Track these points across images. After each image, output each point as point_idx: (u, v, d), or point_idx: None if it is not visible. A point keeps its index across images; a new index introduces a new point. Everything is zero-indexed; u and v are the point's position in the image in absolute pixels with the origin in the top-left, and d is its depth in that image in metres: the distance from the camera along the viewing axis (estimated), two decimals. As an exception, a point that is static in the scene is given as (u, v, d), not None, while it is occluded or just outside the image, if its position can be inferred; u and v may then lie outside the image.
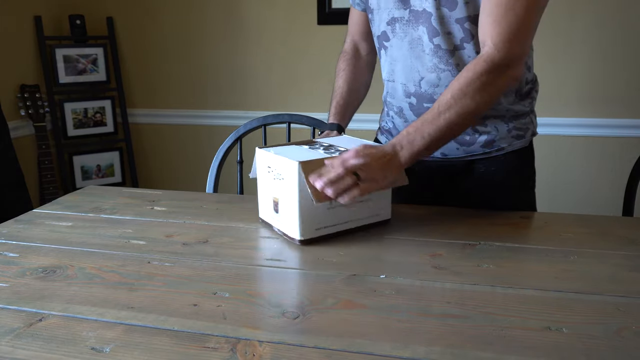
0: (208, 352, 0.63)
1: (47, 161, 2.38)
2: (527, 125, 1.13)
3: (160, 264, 0.87)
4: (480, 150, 1.11)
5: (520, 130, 1.12)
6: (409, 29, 1.07)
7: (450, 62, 1.05)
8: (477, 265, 0.85)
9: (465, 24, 1.01)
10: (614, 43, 2.10)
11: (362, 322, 0.69)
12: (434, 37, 1.04)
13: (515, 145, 1.12)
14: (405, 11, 1.06)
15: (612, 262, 0.86)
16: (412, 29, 1.06)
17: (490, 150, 1.11)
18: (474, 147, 1.11)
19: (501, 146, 1.11)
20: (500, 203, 1.11)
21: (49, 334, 0.67)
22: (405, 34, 1.07)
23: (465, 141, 1.11)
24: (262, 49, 2.46)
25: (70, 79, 2.54)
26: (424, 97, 1.09)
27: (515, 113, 1.10)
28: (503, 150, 1.12)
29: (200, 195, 1.25)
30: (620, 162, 2.16)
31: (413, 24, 1.06)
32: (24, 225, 1.05)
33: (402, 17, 1.07)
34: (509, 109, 1.09)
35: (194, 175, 2.67)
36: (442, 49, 1.04)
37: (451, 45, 1.04)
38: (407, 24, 1.07)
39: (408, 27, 1.07)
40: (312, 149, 1.01)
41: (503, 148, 1.12)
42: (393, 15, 1.08)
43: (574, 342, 0.64)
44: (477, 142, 1.10)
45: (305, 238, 0.93)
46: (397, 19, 1.08)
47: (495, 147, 1.11)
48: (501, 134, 1.10)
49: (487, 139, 1.10)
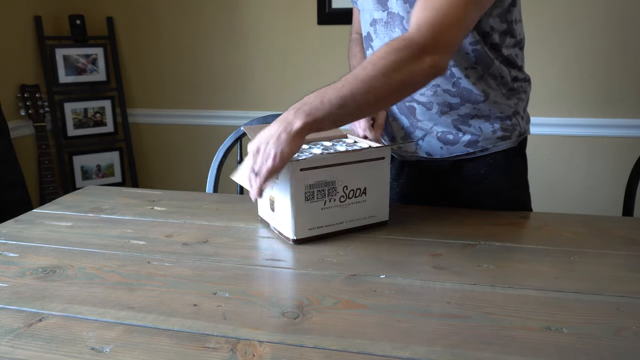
0: (208, 352, 0.63)
1: (47, 161, 2.38)
2: (514, 127, 1.12)
3: (160, 264, 0.87)
4: (464, 151, 1.11)
5: (506, 131, 1.11)
6: (388, 31, 1.07)
7: None
8: (477, 265, 0.85)
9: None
10: (615, 43, 2.10)
11: (362, 322, 0.69)
12: None
13: (500, 146, 1.12)
14: (383, 13, 1.06)
15: (612, 262, 0.86)
16: (391, 30, 1.07)
17: (475, 151, 1.11)
18: (457, 147, 1.11)
19: (485, 147, 1.11)
20: (490, 203, 1.11)
21: (48, 334, 0.67)
22: (385, 35, 1.08)
23: (448, 140, 1.11)
24: (262, 49, 2.46)
25: (70, 79, 2.54)
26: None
27: (500, 113, 1.10)
28: (488, 150, 1.12)
29: (200, 195, 1.25)
30: (620, 162, 2.16)
31: (391, 26, 1.06)
32: (24, 225, 1.05)
33: (381, 18, 1.07)
34: (492, 109, 1.08)
35: (194, 175, 2.67)
36: None
37: None
38: (385, 25, 1.07)
39: (387, 29, 1.07)
40: (313, 147, 1.01)
41: (487, 149, 1.12)
42: (374, 17, 1.09)
43: (574, 342, 0.64)
44: (461, 142, 1.10)
45: (299, 237, 0.93)
46: (377, 20, 1.09)
47: (480, 147, 1.11)
48: (485, 134, 1.10)
49: (470, 139, 1.10)
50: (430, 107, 1.09)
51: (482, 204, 1.11)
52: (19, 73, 2.42)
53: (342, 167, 0.94)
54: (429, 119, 1.10)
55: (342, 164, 0.93)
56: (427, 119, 1.10)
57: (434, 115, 1.09)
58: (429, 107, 1.09)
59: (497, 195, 1.13)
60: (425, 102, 1.08)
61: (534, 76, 1.27)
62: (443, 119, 1.09)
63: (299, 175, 0.90)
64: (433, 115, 1.09)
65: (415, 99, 1.09)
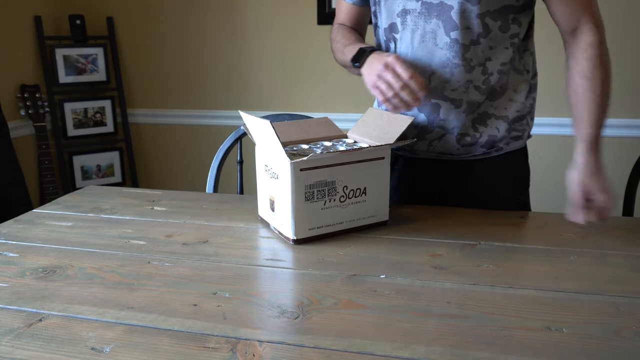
0: (208, 352, 0.63)
1: (47, 161, 2.38)
2: (525, 127, 1.13)
3: (160, 264, 0.87)
4: (481, 151, 1.11)
5: (519, 131, 1.12)
6: (421, 21, 1.04)
7: (465, 57, 1.03)
8: (477, 265, 0.85)
9: (486, 19, 1.01)
10: (615, 43, 2.09)
11: (362, 322, 0.69)
12: (452, 30, 1.02)
13: (513, 146, 1.12)
14: (417, 3, 1.03)
15: (612, 262, 0.86)
16: (425, 21, 1.04)
17: (490, 151, 1.11)
18: (474, 148, 1.11)
19: (500, 146, 1.11)
20: (497, 204, 1.11)
21: (48, 334, 0.67)
22: (416, 26, 1.05)
23: (466, 142, 1.10)
24: (262, 49, 2.46)
25: (70, 79, 2.54)
26: (433, 92, 1.07)
27: (517, 112, 1.10)
28: (501, 150, 1.12)
29: (200, 195, 1.25)
30: (620, 162, 2.15)
31: (426, 17, 1.03)
32: (24, 225, 1.05)
33: (414, 9, 1.04)
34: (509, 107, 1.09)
35: (194, 175, 2.67)
36: (459, 43, 1.02)
37: (468, 40, 1.02)
38: (419, 16, 1.04)
39: (419, 20, 1.04)
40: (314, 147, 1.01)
41: (501, 148, 1.12)
42: (404, 7, 1.05)
43: (574, 342, 0.64)
44: (478, 143, 1.10)
45: (299, 237, 0.93)
46: (408, 10, 1.05)
47: (495, 147, 1.11)
48: (501, 134, 1.10)
49: (487, 139, 1.10)
50: (460, 104, 1.07)
51: (489, 204, 1.11)
52: (19, 73, 2.42)
53: (342, 167, 0.94)
54: (454, 117, 1.08)
55: (342, 164, 0.93)
56: (451, 118, 1.08)
57: (460, 115, 1.08)
58: (457, 104, 1.07)
59: (504, 195, 1.14)
60: (456, 98, 1.07)
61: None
62: (466, 117, 1.08)
63: (299, 175, 0.90)
64: (459, 114, 1.08)
65: (445, 94, 1.07)
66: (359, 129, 1.11)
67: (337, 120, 1.20)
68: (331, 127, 1.13)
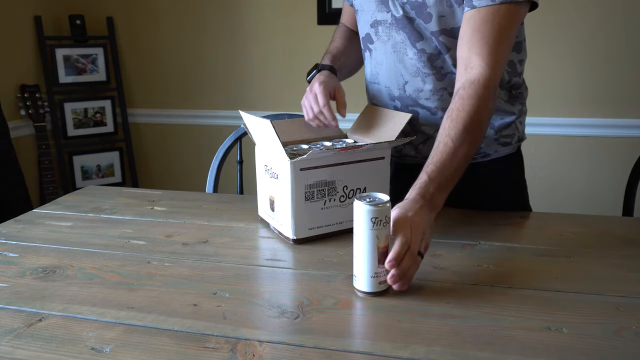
0: (208, 352, 0.63)
1: (47, 161, 2.38)
2: (513, 132, 1.12)
3: (160, 264, 0.87)
4: None
5: (507, 137, 1.11)
6: (392, 32, 1.06)
7: (434, 66, 1.04)
8: (477, 265, 0.85)
9: (441, 37, 1.01)
10: (615, 43, 2.10)
11: (362, 322, 0.69)
12: (417, 42, 1.03)
13: (501, 152, 1.12)
14: (387, 14, 1.05)
15: (612, 262, 0.86)
16: (395, 32, 1.06)
17: (475, 156, 1.11)
18: None
19: (487, 152, 1.11)
20: (490, 206, 1.11)
21: (48, 334, 0.67)
22: (388, 37, 1.07)
23: None
24: (262, 49, 2.46)
25: (70, 79, 2.54)
26: (408, 100, 1.09)
27: (501, 119, 1.09)
28: (489, 156, 1.12)
29: (200, 195, 1.25)
30: (620, 162, 2.15)
31: (395, 28, 1.05)
32: (24, 225, 1.05)
33: (385, 20, 1.06)
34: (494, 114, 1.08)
35: (194, 175, 2.67)
36: (427, 53, 1.04)
37: (436, 50, 1.03)
38: (389, 27, 1.06)
39: (391, 31, 1.06)
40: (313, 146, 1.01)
41: (489, 154, 1.12)
42: (376, 18, 1.08)
43: (574, 342, 0.64)
44: None
45: (299, 237, 0.93)
46: (380, 22, 1.07)
47: (481, 153, 1.11)
48: (487, 140, 1.10)
49: None
50: (435, 112, 1.08)
51: (481, 206, 1.11)
52: (19, 73, 2.42)
53: (342, 166, 0.94)
54: (434, 123, 1.09)
55: (342, 164, 0.93)
56: (429, 124, 1.09)
57: (439, 121, 1.08)
58: (433, 112, 1.08)
59: (496, 198, 1.13)
60: (431, 106, 1.08)
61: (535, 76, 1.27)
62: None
63: (299, 175, 0.90)
64: (438, 120, 1.08)
65: (420, 103, 1.08)
66: (358, 128, 1.11)
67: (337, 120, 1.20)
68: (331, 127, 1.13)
